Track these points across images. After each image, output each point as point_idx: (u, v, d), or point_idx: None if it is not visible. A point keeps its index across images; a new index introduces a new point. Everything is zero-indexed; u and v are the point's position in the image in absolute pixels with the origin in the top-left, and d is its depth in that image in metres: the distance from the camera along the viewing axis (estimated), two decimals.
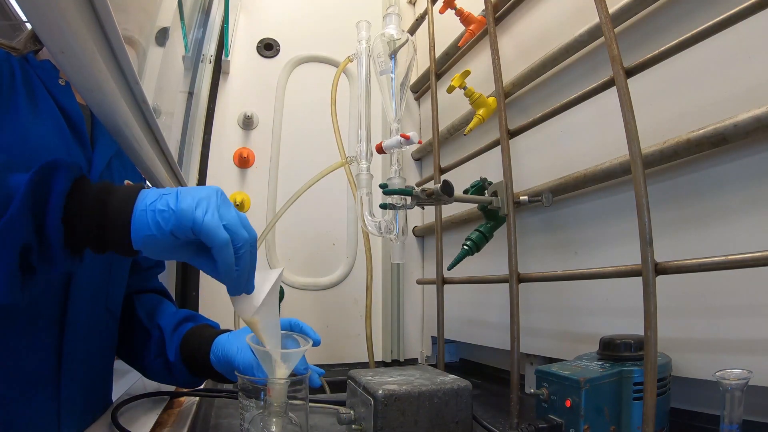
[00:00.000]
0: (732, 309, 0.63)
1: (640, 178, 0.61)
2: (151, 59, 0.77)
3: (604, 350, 0.68)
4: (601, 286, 0.82)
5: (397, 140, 0.98)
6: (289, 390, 0.55)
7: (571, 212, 0.91)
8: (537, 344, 0.97)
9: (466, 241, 0.89)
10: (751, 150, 0.61)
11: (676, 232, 0.70)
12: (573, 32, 0.85)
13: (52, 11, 0.32)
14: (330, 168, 1.31)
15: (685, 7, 0.70)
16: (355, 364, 1.43)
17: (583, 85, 0.76)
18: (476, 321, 1.20)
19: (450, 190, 0.78)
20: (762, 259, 0.50)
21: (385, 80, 1.10)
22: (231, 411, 0.84)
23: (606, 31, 0.68)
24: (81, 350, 0.60)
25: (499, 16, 1.07)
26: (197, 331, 0.71)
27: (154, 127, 0.60)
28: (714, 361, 0.64)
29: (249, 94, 1.51)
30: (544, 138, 0.95)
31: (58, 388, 0.56)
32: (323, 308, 1.47)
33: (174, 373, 0.70)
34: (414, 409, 0.62)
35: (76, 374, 0.59)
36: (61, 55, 0.37)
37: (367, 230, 1.12)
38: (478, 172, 1.00)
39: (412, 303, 1.52)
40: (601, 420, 0.59)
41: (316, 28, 1.59)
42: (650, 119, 0.72)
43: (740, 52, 0.62)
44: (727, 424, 0.50)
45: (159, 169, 0.72)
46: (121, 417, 0.64)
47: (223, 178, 1.44)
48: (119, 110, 0.49)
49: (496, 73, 0.93)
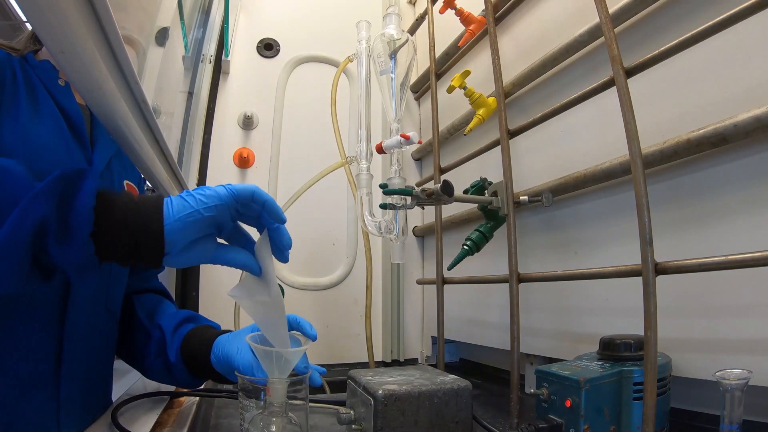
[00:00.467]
0: (732, 309, 0.63)
1: (640, 178, 0.61)
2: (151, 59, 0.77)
3: (604, 350, 0.68)
4: (601, 286, 0.82)
5: (397, 140, 0.99)
6: (289, 390, 0.55)
7: (571, 212, 0.91)
8: (537, 344, 0.97)
9: (466, 241, 0.89)
10: (751, 150, 0.61)
11: (676, 232, 0.70)
12: (573, 32, 0.85)
13: (51, 11, 0.32)
14: (330, 168, 1.31)
15: (685, 7, 0.70)
16: (355, 364, 1.43)
17: (583, 85, 0.76)
18: (476, 321, 1.20)
19: (450, 190, 0.78)
20: (762, 259, 0.49)
21: (385, 80, 1.10)
22: (231, 411, 0.84)
23: (606, 31, 0.68)
24: (81, 350, 0.60)
25: (499, 16, 1.07)
26: (198, 332, 0.71)
27: (153, 127, 0.60)
28: (714, 361, 0.64)
29: (249, 94, 1.51)
30: (544, 138, 0.95)
31: (58, 388, 0.56)
32: (323, 308, 1.47)
33: (174, 373, 0.70)
34: (414, 409, 0.62)
35: (75, 374, 0.59)
36: (61, 55, 0.37)
37: (367, 230, 1.12)
38: (478, 172, 1.00)
39: (412, 303, 1.52)
40: (601, 420, 0.59)
41: (316, 28, 1.59)
42: (650, 119, 0.72)
43: (740, 52, 0.62)
44: (727, 424, 0.50)
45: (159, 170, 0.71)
46: (121, 417, 0.64)
47: (223, 178, 1.44)
48: (119, 110, 0.49)
49: (496, 73, 0.93)
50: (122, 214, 0.45)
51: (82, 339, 0.60)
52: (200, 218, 0.47)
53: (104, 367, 0.70)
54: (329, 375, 0.78)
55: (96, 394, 0.67)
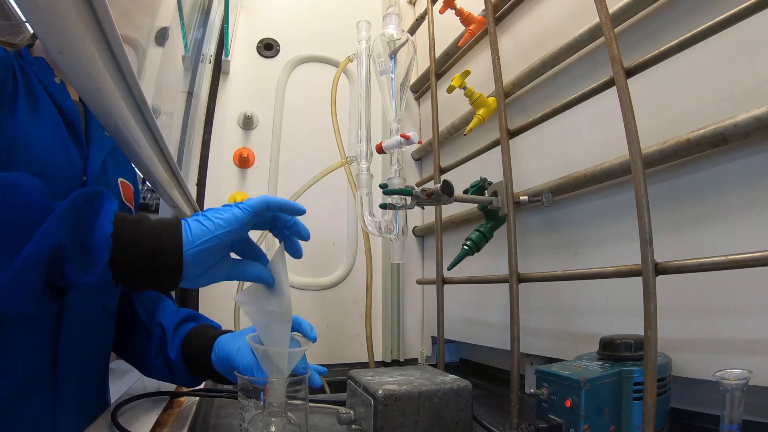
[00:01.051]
0: (732, 309, 0.63)
1: (640, 178, 0.61)
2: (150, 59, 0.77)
3: (604, 350, 0.68)
4: (601, 286, 0.82)
5: (397, 140, 0.98)
6: (288, 390, 0.55)
7: (571, 212, 0.91)
8: (537, 344, 0.97)
9: (466, 241, 0.89)
10: (751, 150, 0.61)
11: (676, 232, 0.70)
12: (573, 32, 0.85)
13: (50, 11, 0.32)
14: (330, 168, 1.31)
15: (685, 8, 0.69)
16: (355, 364, 1.43)
17: (583, 85, 0.76)
18: (476, 321, 1.20)
19: (450, 190, 0.78)
20: (762, 259, 0.49)
21: (385, 80, 1.10)
22: (231, 411, 0.84)
23: (606, 31, 0.67)
24: (77, 351, 0.60)
25: (499, 16, 1.07)
26: (199, 331, 0.70)
27: (153, 127, 0.60)
28: (714, 361, 0.64)
29: (249, 94, 1.51)
30: (544, 138, 0.95)
31: (54, 389, 0.56)
32: (323, 308, 1.47)
33: (174, 372, 0.70)
34: (414, 409, 0.62)
35: (72, 375, 0.59)
36: (60, 55, 0.37)
37: (367, 230, 1.12)
38: (478, 172, 1.00)
39: (412, 303, 1.52)
40: (601, 420, 0.59)
41: (316, 28, 1.59)
42: (650, 119, 0.72)
43: (740, 52, 0.62)
44: (727, 424, 0.50)
45: (158, 169, 0.71)
46: (121, 417, 0.63)
47: (223, 178, 1.44)
48: (118, 110, 0.49)
49: (496, 73, 0.93)
50: (142, 241, 0.45)
51: (79, 339, 0.60)
52: (219, 243, 0.47)
53: (101, 367, 0.69)
54: (329, 375, 0.78)
55: (93, 394, 0.67)
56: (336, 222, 1.51)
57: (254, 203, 0.51)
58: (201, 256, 0.47)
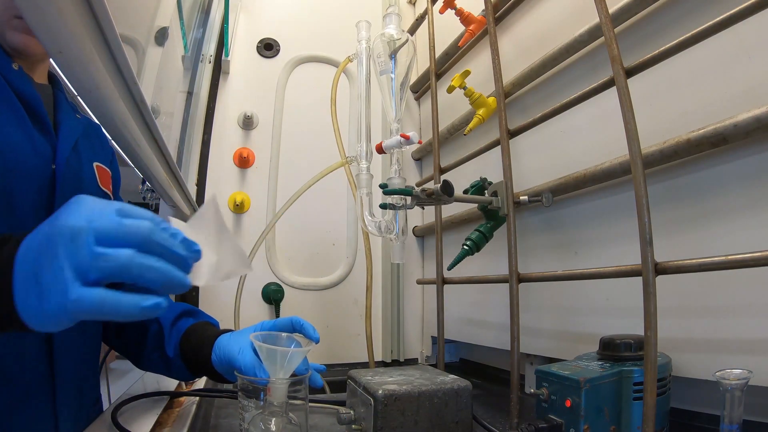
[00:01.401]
0: (732, 309, 0.63)
1: (640, 178, 0.61)
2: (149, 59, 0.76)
3: (604, 350, 0.68)
4: (601, 286, 0.82)
5: (397, 140, 0.98)
6: (289, 390, 0.55)
7: (571, 212, 0.91)
8: (537, 344, 0.97)
9: (466, 241, 0.89)
10: (751, 150, 0.61)
11: (676, 232, 0.70)
12: (573, 32, 0.85)
13: (50, 11, 0.32)
14: (330, 168, 1.30)
15: (685, 7, 0.69)
16: (355, 364, 1.43)
17: (583, 85, 0.76)
18: (476, 321, 1.20)
19: (450, 190, 0.78)
20: (762, 259, 0.49)
21: (385, 80, 1.10)
22: (231, 411, 0.84)
23: (606, 31, 0.67)
24: (73, 351, 0.59)
25: (499, 16, 1.07)
26: (198, 329, 0.70)
27: (152, 127, 0.60)
28: (714, 361, 0.64)
29: (249, 94, 1.51)
30: (544, 138, 0.95)
31: (53, 391, 0.56)
32: (323, 308, 1.47)
33: (172, 368, 0.69)
34: (414, 409, 0.62)
35: (69, 375, 0.58)
36: (59, 55, 0.37)
37: (367, 230, 1.12)
38: (478, 172, 1.00)
39: (412, 303, 1.52)
40: (601, 420, 0.59)
41: (316, 28, 1.59)
42: (650, 119, 0.72)
43: (740, 52, 0.62)
44: (727, 424, 0.50)
45: (158, 170, 0.71)
46: (121, 417, 0.63)
47: (223, 178, 1.44)
48: (117, 110, 0.49)
49: (496, 73, 0.93)
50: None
51: (73, 339, 0.60)
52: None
53: (93, 365, 0.69)
54: (329, 375, 0.78)
55: (89, 392, 0.67)
56: (336, 222, 1.51)
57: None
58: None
